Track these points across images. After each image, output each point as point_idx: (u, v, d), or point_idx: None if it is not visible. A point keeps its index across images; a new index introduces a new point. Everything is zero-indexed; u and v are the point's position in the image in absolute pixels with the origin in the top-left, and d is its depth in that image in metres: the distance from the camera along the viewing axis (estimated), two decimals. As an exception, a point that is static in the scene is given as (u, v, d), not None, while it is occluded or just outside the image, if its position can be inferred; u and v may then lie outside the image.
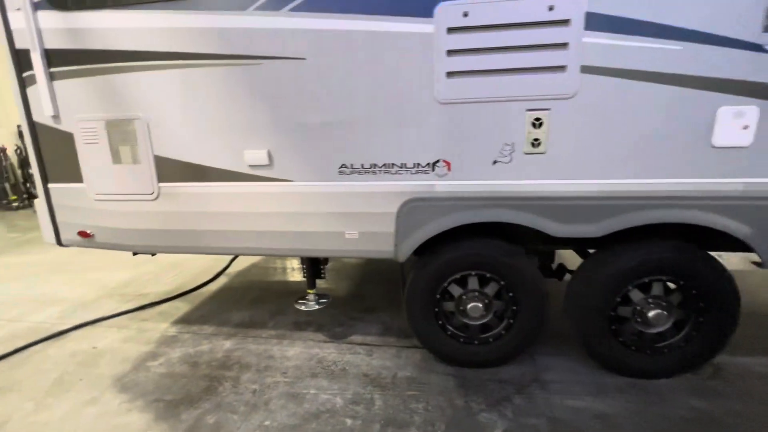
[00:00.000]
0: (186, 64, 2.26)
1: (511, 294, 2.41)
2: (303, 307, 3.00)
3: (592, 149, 2.05)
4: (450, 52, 2.04)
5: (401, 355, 2.75)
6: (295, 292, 3.83)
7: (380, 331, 3.07)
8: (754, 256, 2.16)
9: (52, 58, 2.42)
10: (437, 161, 2.21)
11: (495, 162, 2.15)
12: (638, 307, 2.32)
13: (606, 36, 1.92)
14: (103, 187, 2.58)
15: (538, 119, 2.06)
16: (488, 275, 2.40)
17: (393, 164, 2.25)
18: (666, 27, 1.87)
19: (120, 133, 2.47)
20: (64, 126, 2.53)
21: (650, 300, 2.30)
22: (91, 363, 2.80)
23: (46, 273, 4.66)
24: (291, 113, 2.26)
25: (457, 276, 2.43)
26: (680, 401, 2.23)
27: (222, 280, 4.26)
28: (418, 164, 2.22)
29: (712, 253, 2.25)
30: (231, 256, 4.81)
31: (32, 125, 2.56)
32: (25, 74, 2.48)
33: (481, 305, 2.44)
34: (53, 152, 2.60)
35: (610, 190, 2.09)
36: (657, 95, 1.95)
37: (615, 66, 1.94)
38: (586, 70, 1.96)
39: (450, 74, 2.07)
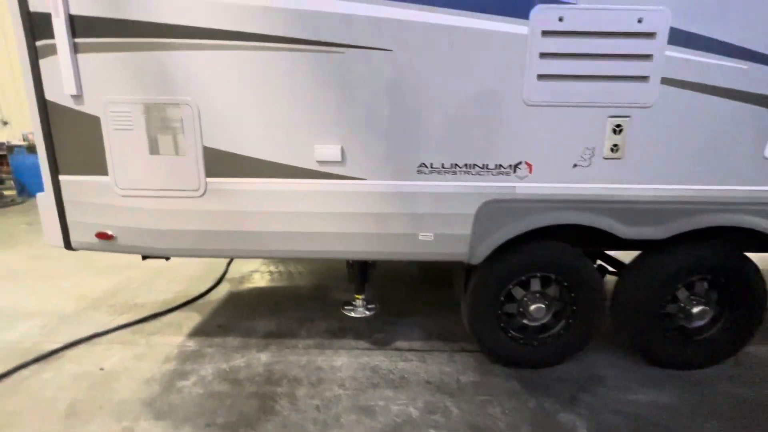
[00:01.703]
0: (255, 47, 2.03)
1: (572, 294, 2.47)
2: (352, 314, 2.82)
3: (665, 156, 2.18)
4: (542, 55, 2.05)
5: (455, 360, 2.70)
6: (314, 298, 3.61)
7: (423, 336, 2.99)
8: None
9: (78, 26, 2.04)
10: (519, 163, 2.20)
11: (575, 165, 2.20)
12: (683, 305, 2.51)
13: (685, 51, 2.05)
14: (135, 181, 2.23)
15: (618, 126, 2.15)
16: (553, 277, 2.44)
17: (474, 164, 2.20)
18: (735, 47, 2.05)
19: (162, 119, 2.15)
20: (87, 108, 2.14)
21: (693, 297, 2.50)
22: (104, 387, 2.39)
23: (-2, 282, 3.92)
24: (370, 107, 2.12)
25: (522, 278, 2.45)
26: (723, 389, 2.44)
27: (225, 287, 3.89)
28: (500, 165, 2.20)
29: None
30: (227, 260, 4.43)
31: (43, 104, 2.14)
32: (39, 43, 2.06)
33: (543, 306, 2.48)
34: (69, 138, 2.19)
35: (679, 195, 2.22)
36: (724, 109, 2.12)
37: (691, 80, 2.08)
38: (665, 81, 2.08)
39: (540, 77, 2.08)
